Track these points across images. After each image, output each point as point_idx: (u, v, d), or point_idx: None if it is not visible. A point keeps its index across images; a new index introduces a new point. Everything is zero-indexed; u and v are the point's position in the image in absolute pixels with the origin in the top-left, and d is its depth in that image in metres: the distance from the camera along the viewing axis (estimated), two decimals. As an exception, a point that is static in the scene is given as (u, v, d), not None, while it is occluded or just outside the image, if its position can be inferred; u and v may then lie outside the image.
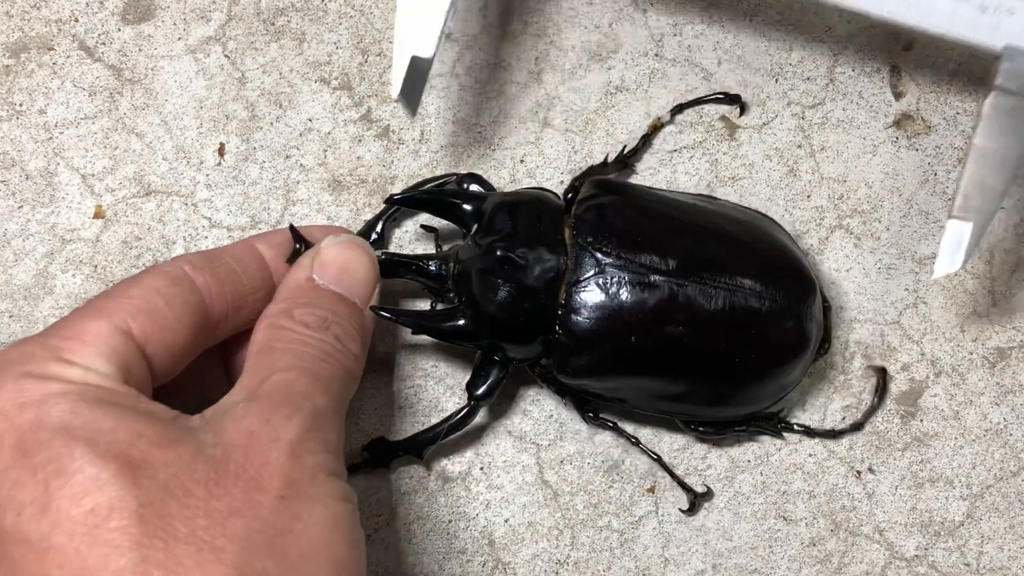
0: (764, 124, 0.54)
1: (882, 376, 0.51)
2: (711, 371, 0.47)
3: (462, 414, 0.49)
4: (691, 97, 0.53)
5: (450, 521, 0.51)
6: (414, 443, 0.49)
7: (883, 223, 0.53)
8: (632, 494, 0.51)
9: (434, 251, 0.50)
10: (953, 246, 0.45)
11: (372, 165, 0.52)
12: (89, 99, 0.52)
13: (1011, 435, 0.52)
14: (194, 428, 0.37)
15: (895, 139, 0.54)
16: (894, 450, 0.52)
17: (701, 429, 0.50)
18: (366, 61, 0.53)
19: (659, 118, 0.53)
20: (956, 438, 0.52)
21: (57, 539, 0.33)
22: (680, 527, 0.51)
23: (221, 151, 0.52)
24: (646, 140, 0.52)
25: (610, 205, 0.47)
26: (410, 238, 0.52)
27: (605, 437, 0.51)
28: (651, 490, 0.51)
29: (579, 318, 0.45)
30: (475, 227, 0.47)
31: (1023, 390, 0.52)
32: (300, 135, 0.52)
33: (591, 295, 0.45)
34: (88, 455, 0.34)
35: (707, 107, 0.53)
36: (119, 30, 0.53)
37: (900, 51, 0.54)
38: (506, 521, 0.51)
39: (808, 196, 0.53)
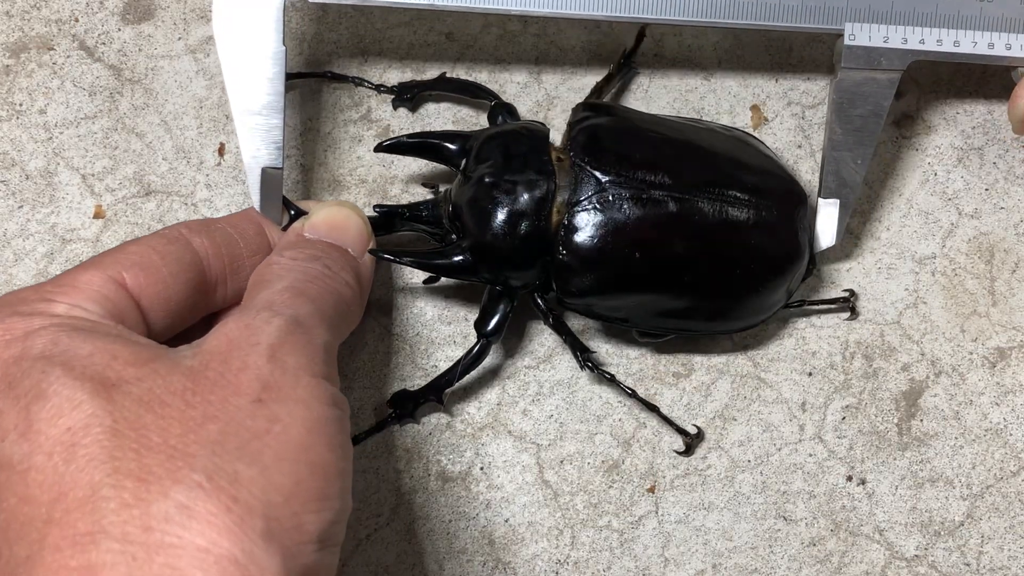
0: (764, 124, 0.53)
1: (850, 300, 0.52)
2: (712, 284, 0.48)
3: (474, 352, 0.49)
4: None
5: (450, 521, 0.51)
6: (433, 388, 0.49)
7: (883, 223, 0.53)
8: (632, 494, 0.51)
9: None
10: (827, 224, 0.50)
11: (372, 165, 0.52)
12: (89, 99, 0.52)
13: (1011, 435, 0.52)
14: (177, 350, 0.38)
15: (895, 139, 0.54)
16: (894, 450, 0.52)
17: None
18: (366, 61, 0.53)
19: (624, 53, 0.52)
20: (956, 438, 0.52)
21: (37, 459, 0.34)
22: (680, 527, 0.51)
23: (221, 151, 0.52)
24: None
25: (604, 125, 0.48)
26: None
27: (605, 437, 0.51)
28: (651, 490, 0.51)
29: (581, 237, 0.46)
30: (463, 163, 0.48)
31: (1023, 390, 0.52)
32: (300, 135, 0.52)
33: (592, 214, 0.46)
34: (64, 378, 0.35)
35: (715, 105, 0.53)
36: (119, 30, 0.53)
37: (900, 51, 0.54)
38: (506, 521, 0.51)
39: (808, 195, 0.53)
